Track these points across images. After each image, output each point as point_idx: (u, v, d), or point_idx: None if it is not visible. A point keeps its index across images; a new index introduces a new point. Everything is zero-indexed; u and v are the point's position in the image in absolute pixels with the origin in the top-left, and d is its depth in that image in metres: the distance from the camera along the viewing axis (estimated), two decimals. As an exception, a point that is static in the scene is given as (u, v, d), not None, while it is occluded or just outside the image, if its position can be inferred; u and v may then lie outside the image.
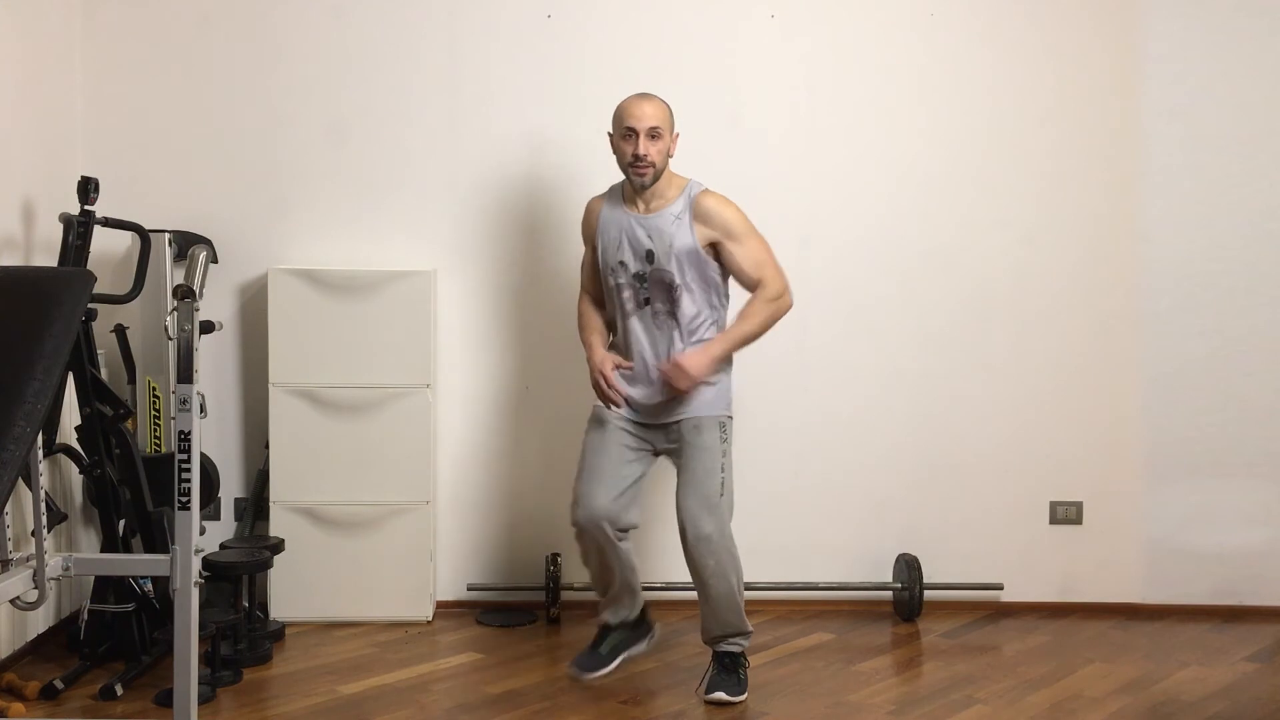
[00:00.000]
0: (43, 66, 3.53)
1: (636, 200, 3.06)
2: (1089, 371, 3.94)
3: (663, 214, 3.02)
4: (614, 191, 3.14)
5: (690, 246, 3.00)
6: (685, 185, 3.06)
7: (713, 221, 3.02)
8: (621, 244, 3.04)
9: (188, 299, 2.65)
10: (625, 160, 3.01)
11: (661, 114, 3.03)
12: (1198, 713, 3.04)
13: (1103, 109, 3.91)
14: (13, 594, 2.59)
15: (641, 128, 2.97)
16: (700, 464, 3.01)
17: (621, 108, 3.04)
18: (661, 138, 3.00)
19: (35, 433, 2.22)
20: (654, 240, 3.00)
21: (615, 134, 3.05)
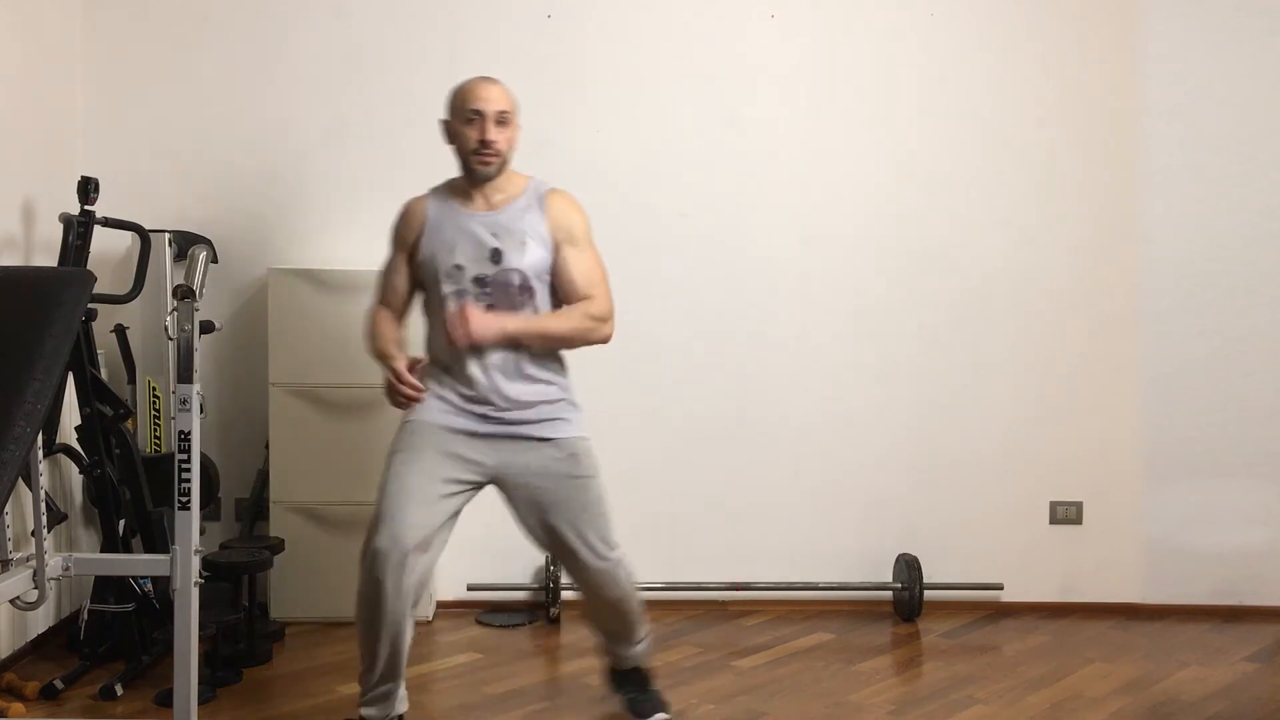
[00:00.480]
0: (43, 66, 3.53)
1: (474, 196, 2.69)
2: (1089, 371, 3.94)
3: (509, 209, 2.67)
4: (440, 191, 2.76)
5: (544, 243, 2.65)
6: (529, 181, 2.74)
7: (561, 221, 2.68)
8: (458, 245, 2.64)
9: (188, 299, 2.65)
10: (469, 146, 2.64)
11: (510, 100, 2.70)
12: (1198, 713, 3.04)
13: (1103, 109, 3.91)
14: (13, 594, 2.59)
15: (490, 110, 2.64)
16: (582, 494, 2.64)
17: (465, 89, 2.68)
18: (509, 124, 2.69)
19: (35, 433, 2.22)
20: (501, 238, 2.63)
21: (455, 119, 2.67)
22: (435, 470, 2.58)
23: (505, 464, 2.64)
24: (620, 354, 3.90)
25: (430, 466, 2.58)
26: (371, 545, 2.52)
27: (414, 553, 2.51)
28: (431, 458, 2.59)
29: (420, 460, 2.58)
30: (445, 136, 2.73)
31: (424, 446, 2.60)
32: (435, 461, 2.59)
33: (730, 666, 3.36)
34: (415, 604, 2.58)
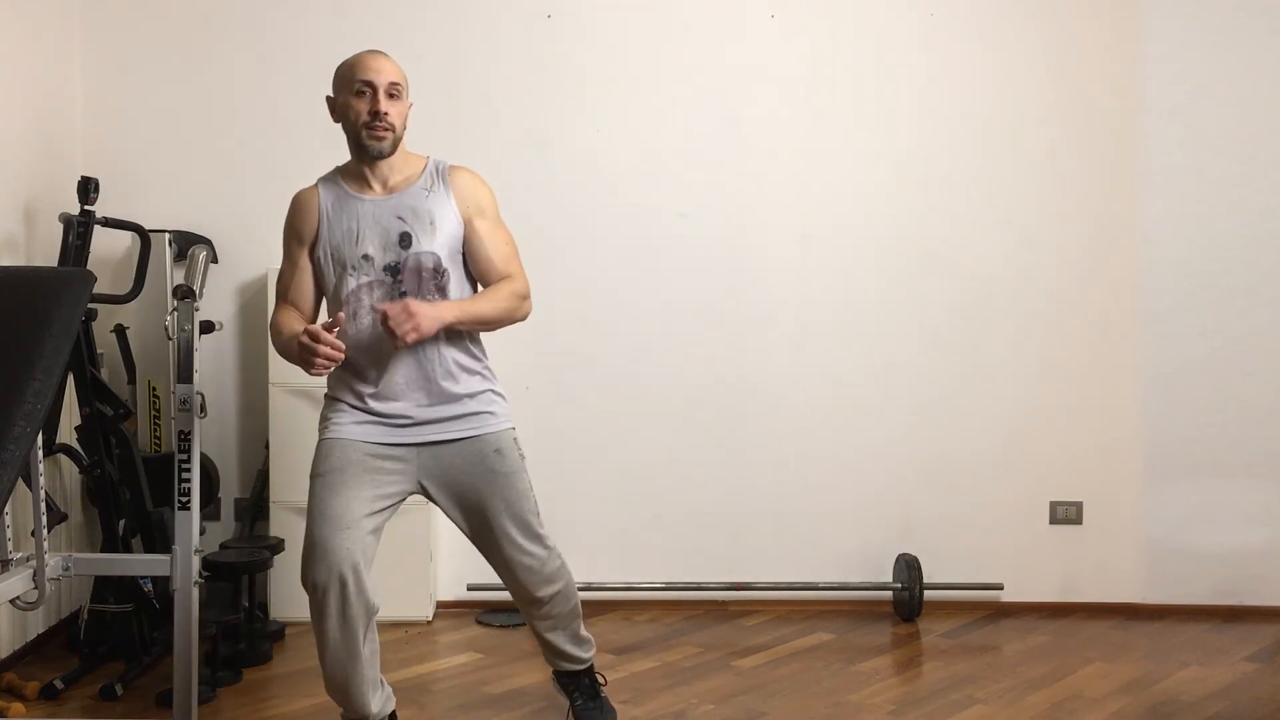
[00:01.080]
0: (43, 66, 3.53)
1: (371, 181, 2.55)
2: (1089, 371, 3.94)
3: (411, 191, 2.53)
4: (330, 180, 2.62)
5: (454, 220, 2.53)
6: (426, 160, 2.60)
7: (469, 197, 2.56)
8: (362, 235, 2.49)
9: (188, 299, 2.65)
10: (359, 120, 2.49)
11: (401, 74, 2.54)
12: (1198, 713, 3.04)
13: (1103, 109, 3.91)
14: (13, 594, 2.59)
15: (381, 82, 2.48)
16: (512, 489, 2.54)
17: (353, 61, 2.52)
18: (400, 98, 2.53)
19: (35, 433, 2.22)
20: (409, 221, 2.49)
21: (343, 93, 2.52)
22: (359, 490, 2.44)
23: (429, 468, 2.53)
24: (620, 354, 3.92)
25: (354, 488, 2.44)
26: (308, 576, 2.39)
27: (350, 576, 2.37)
28: (354, 477, 2.45)
29: (343, 483, 2.44)
30: (332, 114, 2.59)
31: (345, 467, 2.46)
32: (358, 481, 2.45)
33: (730, 666, 3.36)
34: (369, 618, 2.44)
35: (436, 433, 2.51)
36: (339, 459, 2.46)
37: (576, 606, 2.73)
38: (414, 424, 2.50)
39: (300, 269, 2.59)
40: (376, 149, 2.51)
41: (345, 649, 2.42)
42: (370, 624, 2.46)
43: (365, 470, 2.47)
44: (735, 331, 3.91)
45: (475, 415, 2.55)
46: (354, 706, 2.52)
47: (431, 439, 2.51)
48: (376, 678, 2.54)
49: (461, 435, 2.53)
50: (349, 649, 2.42)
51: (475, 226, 2.55)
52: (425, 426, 2.51)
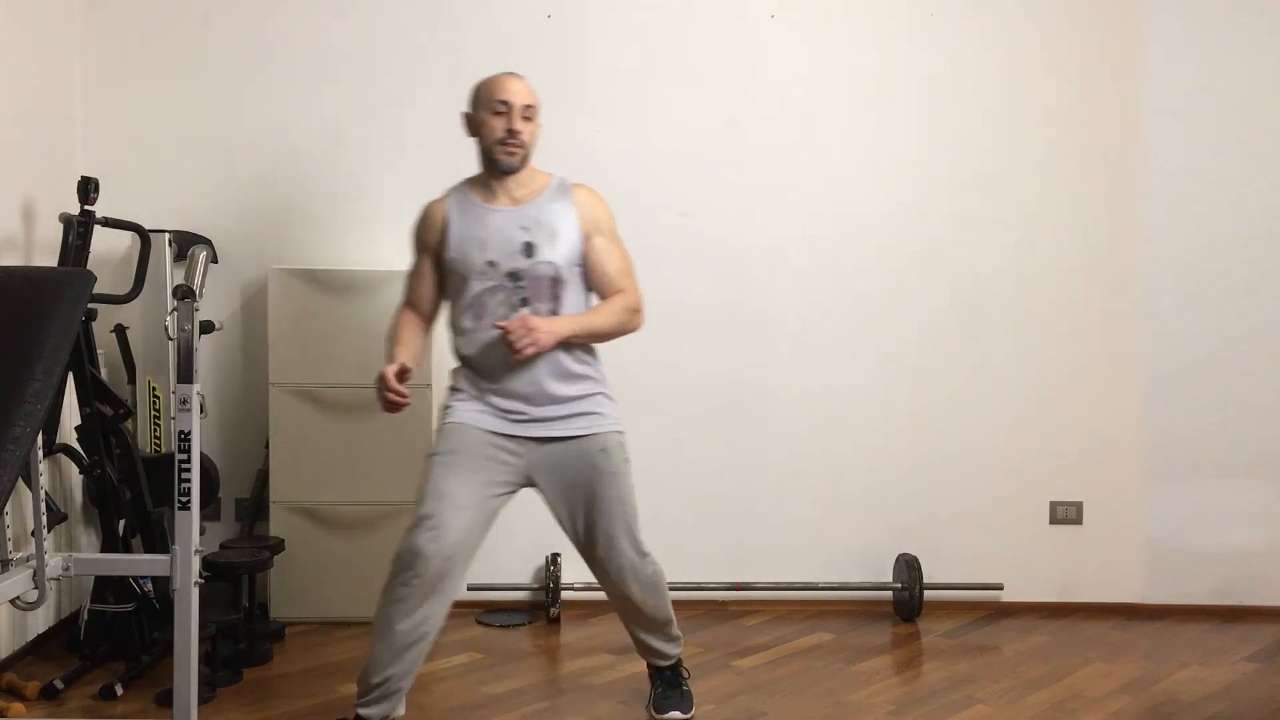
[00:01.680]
0: (43, 66, 3.53)
1: (498, 193, 2.71)
2: (1089, 371, 3.94)
3: (535, 203, 2.70)
4: (460, 191, 2.78)
5: (575, 234, 2.69)
6: (550, 177, 2.77)
7: (589, 213, 2.73)
8: (489, 242, 2.65)
9: (188, 299, 2.65)
10: (495, 137, 2.67)
11: (535, 96, 2.73)
12: (1198, 713, 3.04)
13: (1103, 109, 3.91)
14: (13, 594, 2.59)
15: (518, 103, 2.67)
16: (616, 489, 2.68)
17: (492, 82, 2.72)
18: (533, 120, 2.72)
19: (35, 433, 2.22)
20: (532, 231, 2.66)
21: (482, 110, 2.70)
22: (475, 474, 2.62)
23: (539, 463, 2.69)
24: (619, 354, 3.91)
25: (470, 471, 2.62)
26: (413, 544, 2.51)
27: (455, 556, 2.55)
28: (471, 461, 2.62)
29: (460, 464, 2.61)
30: (467, 129, 2.77)
31: (461, 450, 2.63)
32: (473, 465, 2.63)
33: (730, 666, 3.36)
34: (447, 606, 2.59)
35: (547, 430, 2.67)
36: (457, 442, 2.64)
37: (669, 609, 2.86)
38: (527, 420, 2.67)
39: (422, 275, 2.78)
40: (508, 164, 2.69)
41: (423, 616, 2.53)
42: (443, 613, 2.59)
43: (481, 456, 2.64)
44: (735, 331, 3.91)
45: (584, 416, 2.71)
46: (403, 672, 2.60)
47: (542, 435, 2.67)
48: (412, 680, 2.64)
49: (570, 434, 2.68)
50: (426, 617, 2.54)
51: (593, 242, 2.72)
52: (538, 424, 2.67)
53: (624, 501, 2.70)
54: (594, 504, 2.68)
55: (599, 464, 2.68)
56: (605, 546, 2.70)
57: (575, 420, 2.69)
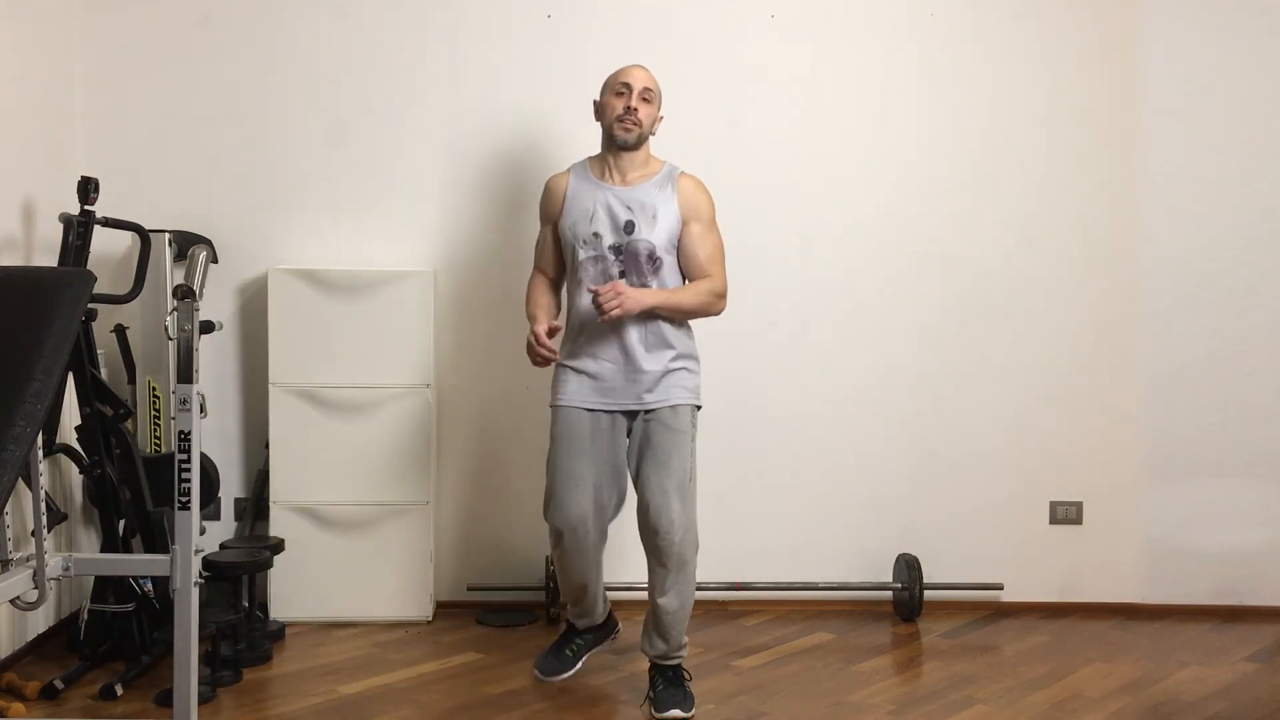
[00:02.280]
0: (43, 66, 3.53)
1: (612, 173, 3.02)
2: (1089, 371, 3.94)
3: (643, 186, 3.00)
4: (580, 168, 3.11)
5: (674, 218, 2.98)
6: (664, 164, 3.06)
7: (689, 200, 3.00)
8: (596, 216, 2.97)
9: (188, 299, 2.65)
10: (614, 114, 2.98)
11: (654, 82, 3.05)
12: (1198, 713, 3.04)
13: (1103, 109, 3.91)
14: (13, 594, 2.58)
15: (637, 86, 2.99)
16: (675, 445, 2.94)
17: (616, 71, 3.06)
18: (652, 103, 3.02)
19: (35, 433, 2.22)
20: (635, 211, 2.96)
21: (606, 94, 3.05)
22: (586, 449, 2.97)
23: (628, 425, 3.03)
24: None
25: (581, 448, 2.97)
26: (553, 524, 2.97)
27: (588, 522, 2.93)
28: (580, 439, 2.97)
29: (572, 446, 2.97)
30: (596, 115, 3.08)
31: (571, 432, 2.99)
32: (584, 441, 2.97)
33: (730, 666, 3.36)
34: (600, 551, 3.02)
35: (633, 402, 2.99)
36: (566, 424, 3.00)
37: (691, 595, 3.01)
38: (619, 393, 2.99)
39: (547, 241, 3.13)
40: (624, 139, 2.98)
41: (579, 572, 3.02)
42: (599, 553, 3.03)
43: (590, 432, 2.98)
44: (735, 331, 3.90)
45: (665, 387, 2.99)
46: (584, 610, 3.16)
47: (629, 407, 2.99)
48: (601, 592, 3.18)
49: (651, 406, 2.98)
50: (581, 573, 3.02)
51: (690, 228, 2.99)
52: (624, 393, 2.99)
53: (679, 459, 2.94)
54: (652, 452, 2.94)
55: (667, 421, 2.96)
56: (651, 490, 2.90)
57: (655, 392, 2.98)
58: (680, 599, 2.97)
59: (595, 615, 3.22)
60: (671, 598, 2.96)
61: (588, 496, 2.94)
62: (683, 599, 2.98)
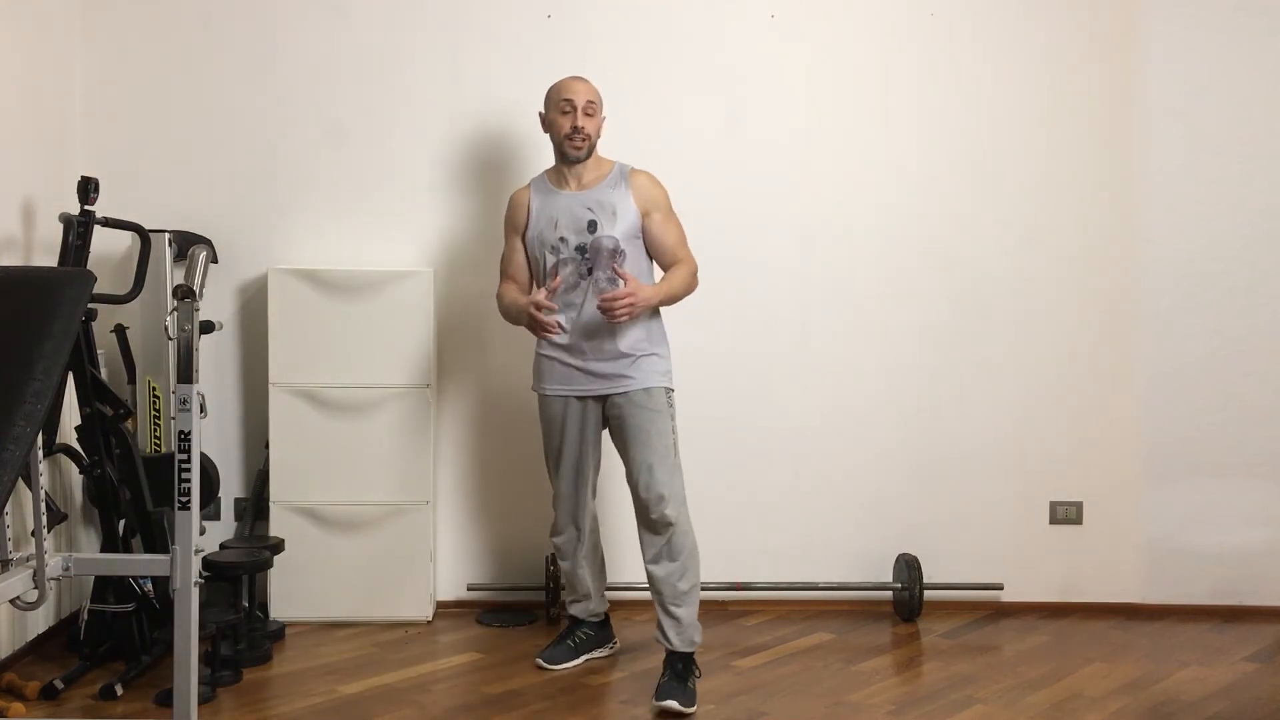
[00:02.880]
0: (43, 66, 3.53)
1: (569, 179, 3.19)
2: (1089, 371, 3.94)
3: (599, 187, 3.16)
4: (539, 181, 3.26)
5: (631, 211, 3.13)
6: (614, 164, 3.22)
7: (644, 194, 3.16)
8: (560, 222, 3.14)
9: (188, 299, 2.65)
10: (562, 133, 3.14)
11: (595, 93, 3.19)
12: (1198, 713, 3.04)
13: (1103, 109, 3.91)
14: (13, 594, 2.59)
15: (580, 102, 3.13)
16: (654, 424, 3.10)
17: (559, 85, 3.19)
18: (595, 115, 3.17)
19: (35, 433, 2.22)
20: (595, 211, 3.12)
21: (551, 111, 3.19)
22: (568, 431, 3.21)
23: (606, 405, 3.17)
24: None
25: (565, 429, 3.21)
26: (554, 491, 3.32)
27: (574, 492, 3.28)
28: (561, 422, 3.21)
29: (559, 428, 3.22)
30: (542, 127, 3.24)
31: (557, 415, 3.22)
32: (566, 425, 3.21)
33: (730, 666, 3.36)
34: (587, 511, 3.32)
35: (608, 386, 3.13)
36: (549, 410, 3.24)
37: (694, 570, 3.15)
38: (593, 376, 3.14)
39: (516, 251, 3.28)
40: (575, 156, 3.16)
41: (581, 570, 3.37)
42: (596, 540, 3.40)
43: (564, 415, 3.20)
44: (735, 331, 3.91)
45: (637, 371, 3.12)
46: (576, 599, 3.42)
47: (604, 391, 3.15)
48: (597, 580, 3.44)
49: (624, 390, 3.12)
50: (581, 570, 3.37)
51: (652, 218, 3.17)
52: (599, 379, 3.14)
53: (661, 436, 3.09)
54: (636, 436, 3.09)
55: (642, 402, 3.10)
56: (645, 477, 3.07)
57: (629, 377, 3.11)
58: (674, 567, 3.10)
59: (592, 601, 3.40)
60: (662, 563, 3.11)
61: (568, 478, 3.26)
62: (679, 567, 3.11)
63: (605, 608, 3.47)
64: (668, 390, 3.17)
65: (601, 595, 3.46)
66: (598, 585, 3.44)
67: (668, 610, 3.10)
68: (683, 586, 3.10)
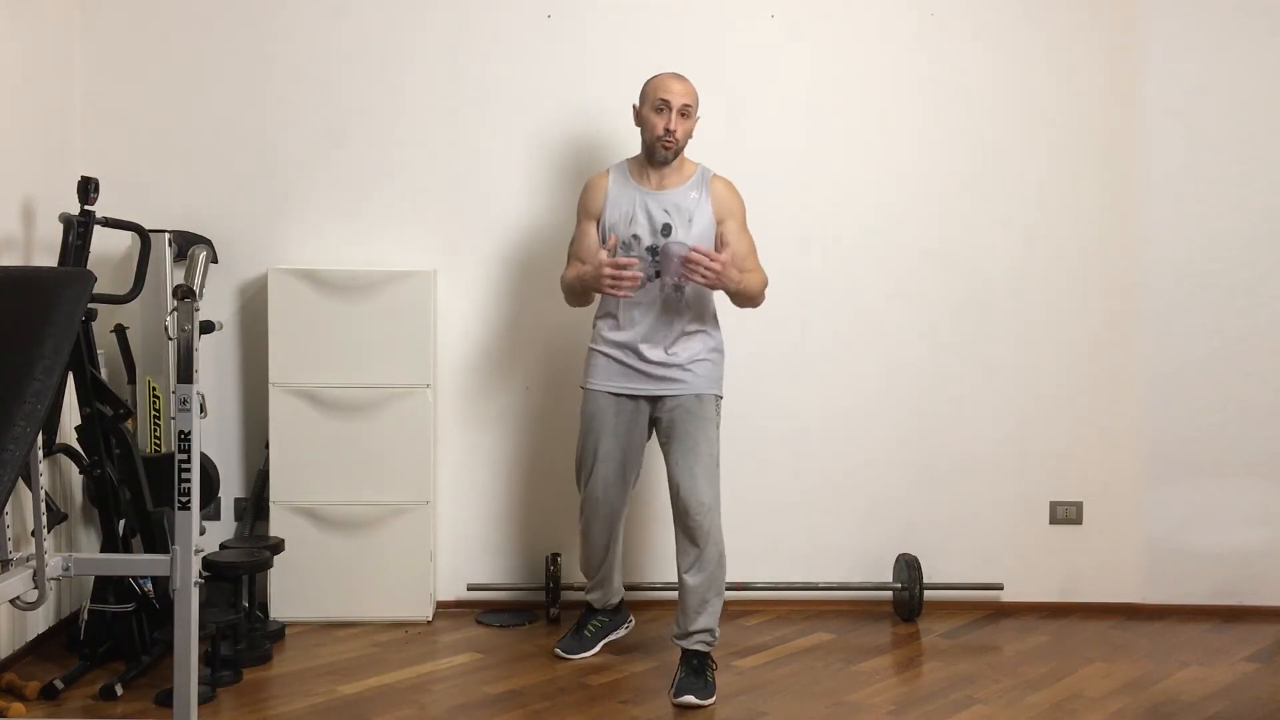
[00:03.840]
0: (43, 66, 3.53)
1: (650, 177, 3.17)
2: (1089, 371, 3.94)
3: (679, 190, 3.15)
4: (619, 169, 3.24)
5: (708, 220, 3.13)
6: (698, 167, 3.22)
7: (722, 202, 3.16)
8: (635, 218, 3.12)
9: (188, 299, 2.65)
10: (655, 133, 3.12)
11: (693, 94, 3.18)
12: (1198, 713, 3.04)
13: (1103, 109, 3.91)
14: (13, 594, 2.58)
15: (676, 103, 3.11)
16: (702, 433, 3.10)
17: (657, 82, 3.16)
18: (689, 117, 3.16)
19: (35, 433, 2.22)
20: (671, 214, 3.11)
21: (645, 106, 3.16)
22: (613, 430, 3.18)
23: (656, 407, 3.17)
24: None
25: (609, 428, 3.18)
26: (584, 496, 3.28)
27: (610, 493, 3.23)
28: (609, 421, 3.18)
29: (602, 425, 3.19)
30: (635, 119, 3.20)
31: (598, 414, 3.20)
32: (612, 422, 3.18)
33: (730, 666, 3.36)
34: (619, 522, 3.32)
35: (658, 388, 3.14)
36: (595, 405, 3.21)
37: (721, 575, 3.14)
38: (647, 377, 3.14)
39: (587, 235, 3.22)
40: (663, 157, 3.14)
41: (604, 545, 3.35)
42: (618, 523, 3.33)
43: (614, 414, 3.18)
44: (735, 331, 3.89)
45: (691, 376, 3.13)
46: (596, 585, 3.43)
47: (654, 393, 3.15)
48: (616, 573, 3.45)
49: (675, 393, 3.13)
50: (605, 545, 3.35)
51: (726, 225, 3.14)
52: (652, 381, 3.14)
53: (708, 445, 3.11)
54: (683, 442, 3.10)
55: (692, 408, 3.11)
56: (682, 473, 3.08)
57: (681, 381, 3.12)
58: (705, 577, 3.11)
59: (609, 591, 3.45)
60: (695, 573, 3.11)
61: (612, 473, 3.21)
62: (709, 578, 3.11)
63: (621, 595, 3.51)
64: (718, 398, 3.18)
65: (618, 585, 3.50)
66: (616, 575, 3.48)
67: (692, 615, 3.13)
68: (710, 595, 3.13)
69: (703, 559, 3.11)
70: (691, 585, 3.12)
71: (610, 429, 3.20)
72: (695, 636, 3.12)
